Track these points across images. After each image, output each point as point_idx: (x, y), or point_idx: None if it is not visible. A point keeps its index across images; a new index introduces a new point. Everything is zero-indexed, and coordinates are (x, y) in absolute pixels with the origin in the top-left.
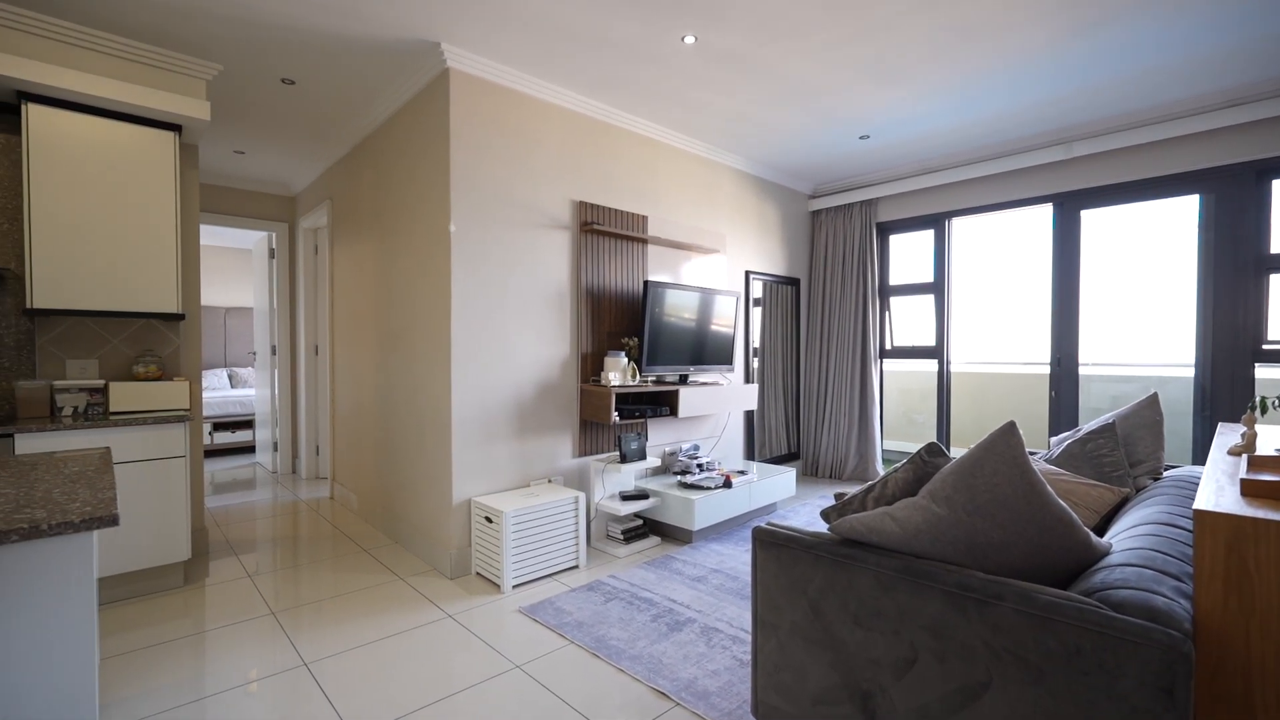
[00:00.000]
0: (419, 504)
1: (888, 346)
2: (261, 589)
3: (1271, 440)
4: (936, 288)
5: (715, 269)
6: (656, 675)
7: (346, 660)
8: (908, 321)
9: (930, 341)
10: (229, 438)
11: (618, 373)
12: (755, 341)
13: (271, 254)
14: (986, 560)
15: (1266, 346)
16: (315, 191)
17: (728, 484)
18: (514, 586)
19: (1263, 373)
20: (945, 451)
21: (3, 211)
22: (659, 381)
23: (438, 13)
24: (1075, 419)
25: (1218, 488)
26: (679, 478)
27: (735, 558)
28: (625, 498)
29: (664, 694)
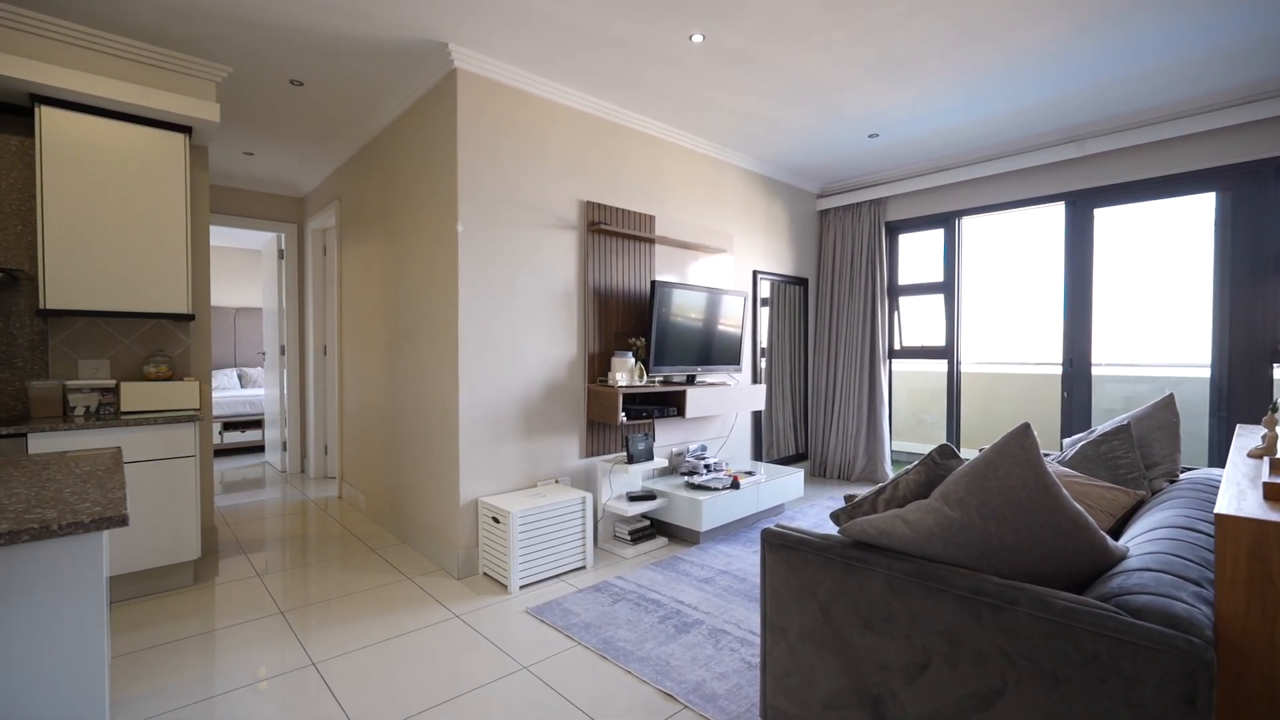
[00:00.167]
0: (426, 504)
1: (897, 347)
2: (270, 588)
3: None
4: (946, 287)
5: (723, 269)
6: (664, 677)
7: (354, 660)
8: (917, 321)
9: (940, 342)
10: (238, 437)
11: (625, 373)
12: (763, 342)
13: (280, 255)
14: (1000, 564)
15: None
16: (324, 192)
17: (735, 485)
18: (521, 587)
19: None
20: (957, 453)
21: (16, 214)
22: (666, 382)
23: (445, 13)
24: (1088, 420)
25: (1239, 491)
26: (686, 478)
27: (743, 559)
28: (632, 498)
29: (672, 696)
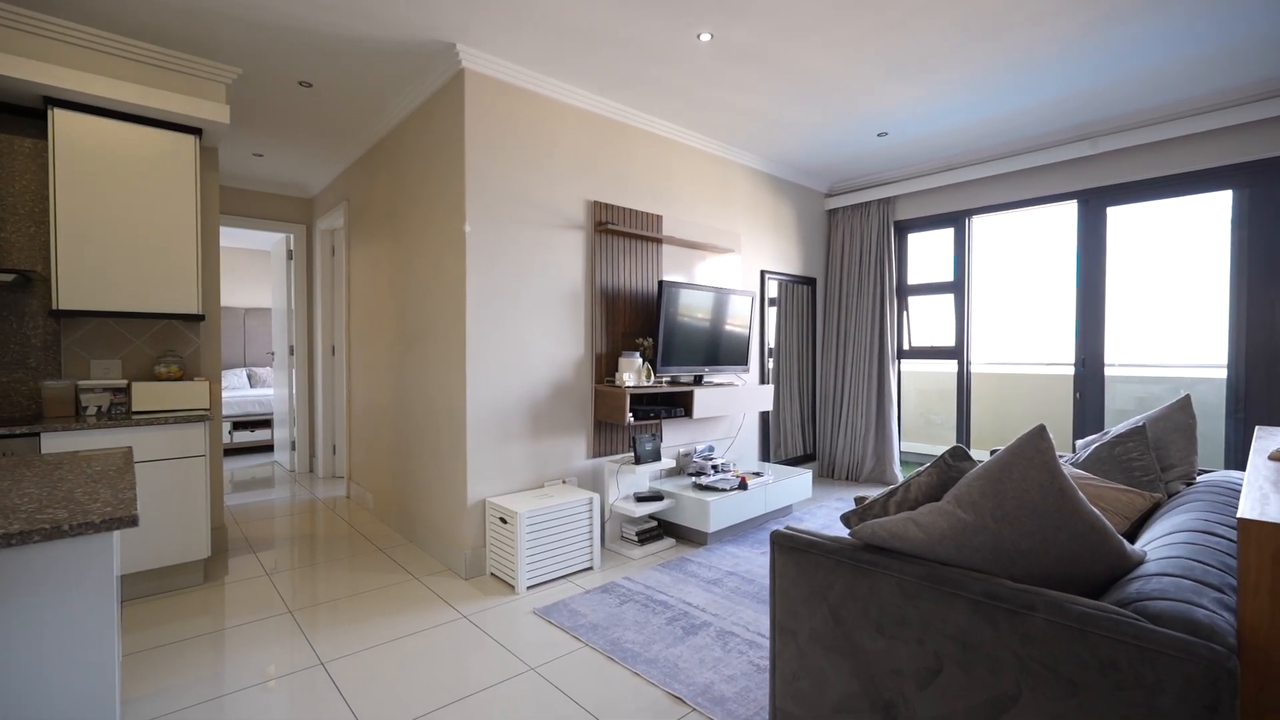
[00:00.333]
0: (434, 504)
1: (905, 347)
2: (279, 587)
3: None
4: (956, 287)
5: (730, 269)
6: (672, 679)
7: (362, 660)
8: (926, 321)
9: (950, 342)
10: (248, 436)
11: (632, 373)
12: (771, 342)
13: (289, 255)
14: (1014, 568)
15: None
16: (332, 193)
17: (743, 486)
18: (528, 587)
19: None
20: (970, 456)
21: (30, 215)
22: (674, 382)
23: (453, 14)
24: (1100, 421)
25: (1262, 495)
26: (694, 479)
27: (751, 560)
28: (640, 499)
29: (680, 699)
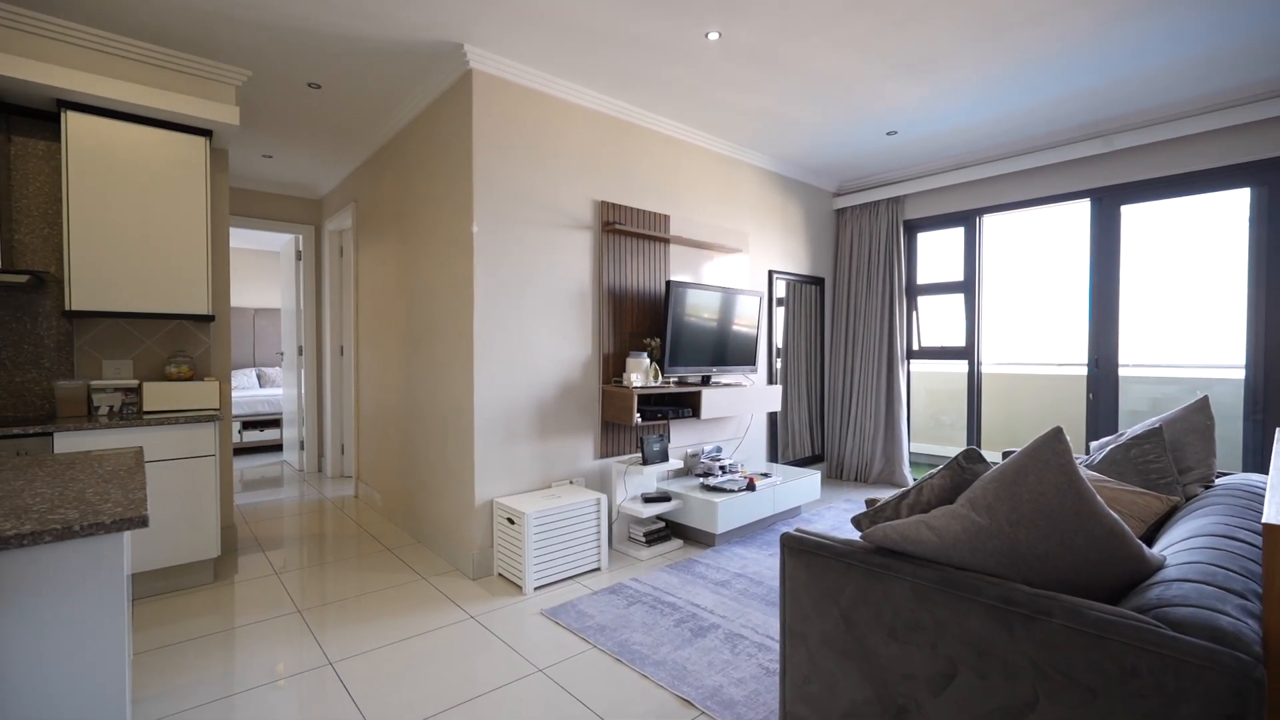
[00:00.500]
0: (441, 504)
1: (915, 347)
2: (288, 586)
3: None
4: (966, 287)
5: (738, 268)
6: (680, 682)
7: (371, 660)
8: (936, 321)
9: (960, 342)
10: (257, 436)
11: (640, 373)
12: (779, 342)
13: (298, 256)
14: (1030, 572)
15: None
16: (341, 194)
17: (751, 487)
18: (536, 588)
19: None
20: (983, 458)
21: (43, 217)
22: (681, 382)
23: (461, 14)
24: (1114, 422)
25: None
26: (701, 480)
27: (759, 562)
28: (647, 500)
29: (689, 702)
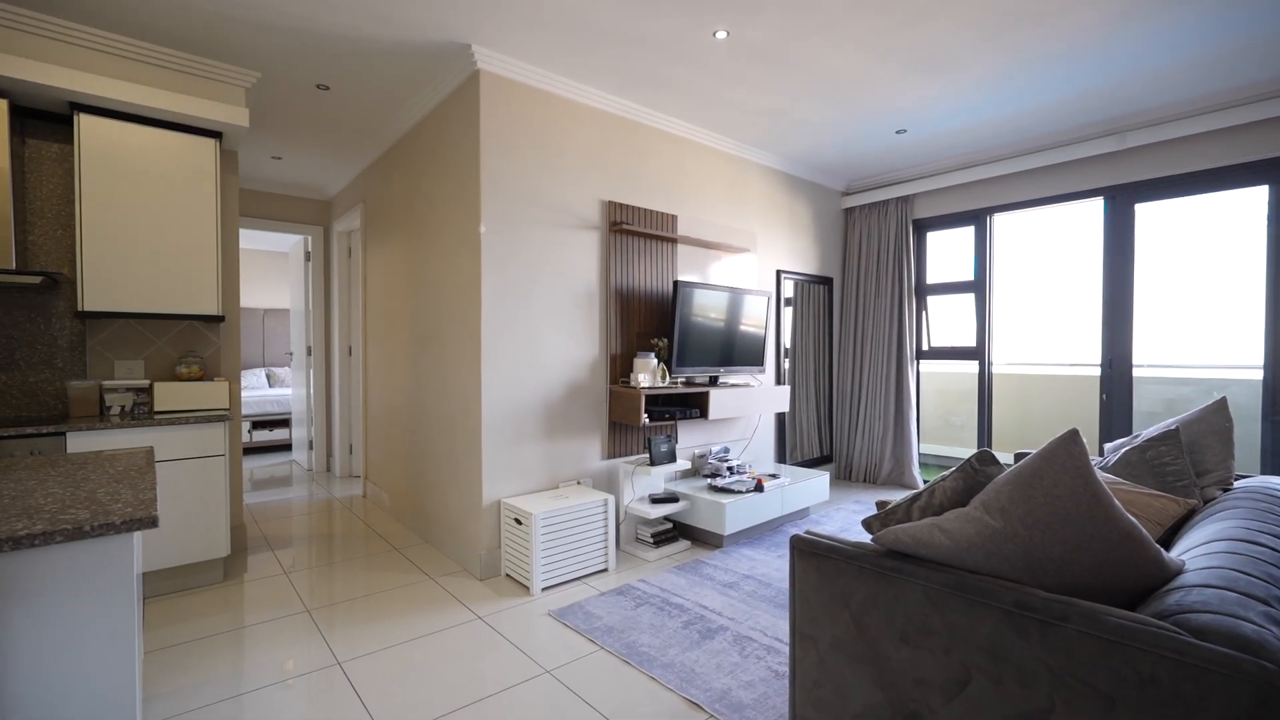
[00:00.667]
0: (449, 504)
1: (924, 347)
2: (297, 586)
3: None
4: (977, 286)
5: (746, 268)
6: (689, 685)
7: (379, 660)
8: (946, 321)
9: (970, 342)
10: (267, 436)
11: (647, 374)
12: (787, 342)
13: (307, 257)
14: (1045, 577)
15: None
16: (349, 195)
17: (759, 488)
18: (543, 589)
19: None
20: (997, 460)
21: (56, 219)
22: (689, 383)
23: (468, 14)
24: (1128, 423)
25: None
26: (709, 481)
27: (767, 563)
28: (655, 500)
29: (697, 705)
